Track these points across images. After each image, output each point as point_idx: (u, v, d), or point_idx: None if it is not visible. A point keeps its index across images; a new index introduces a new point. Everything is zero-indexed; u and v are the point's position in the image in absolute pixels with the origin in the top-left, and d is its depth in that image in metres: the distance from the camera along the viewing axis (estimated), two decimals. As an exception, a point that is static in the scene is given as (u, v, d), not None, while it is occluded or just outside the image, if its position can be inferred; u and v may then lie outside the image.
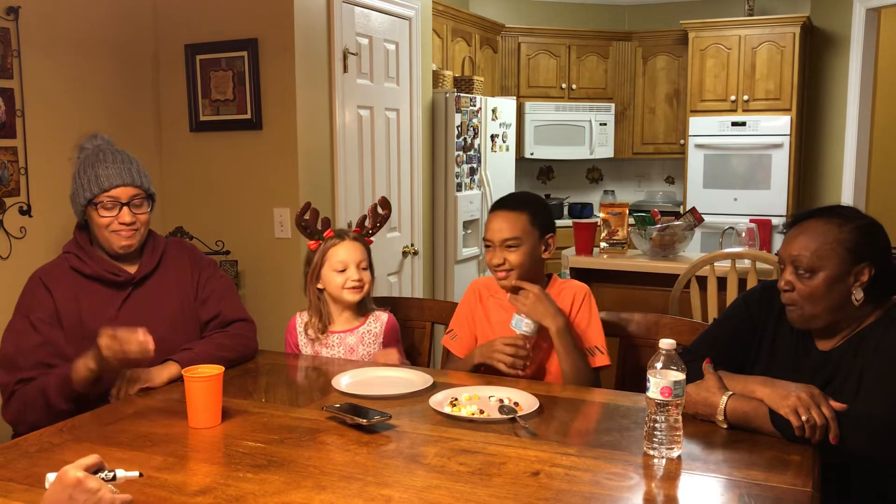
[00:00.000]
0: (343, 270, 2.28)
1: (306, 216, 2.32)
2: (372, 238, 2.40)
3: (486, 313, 2.21)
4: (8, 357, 2.02)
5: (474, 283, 2.29)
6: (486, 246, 2.13)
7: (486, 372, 2.11)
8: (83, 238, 2.16)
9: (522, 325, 2.03)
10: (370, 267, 2.35)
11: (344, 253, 2.29)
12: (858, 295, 1.66)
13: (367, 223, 2.41)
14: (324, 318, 2.32)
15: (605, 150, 6.26)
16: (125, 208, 2.09)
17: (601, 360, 2.08)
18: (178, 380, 1.97)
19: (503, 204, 2.14)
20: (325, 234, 2.34)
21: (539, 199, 2.21)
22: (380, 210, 2.41)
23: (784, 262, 1.73)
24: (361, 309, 2.35)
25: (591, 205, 6.50)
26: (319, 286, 2.32)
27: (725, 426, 1.64)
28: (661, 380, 1.50)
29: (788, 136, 5.47)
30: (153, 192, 2.19)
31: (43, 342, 2.01)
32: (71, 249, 2.14)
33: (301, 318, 2.38)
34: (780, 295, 1.80)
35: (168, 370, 2.01)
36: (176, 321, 2.17)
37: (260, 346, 2.97)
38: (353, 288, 2.28)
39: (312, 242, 2.34)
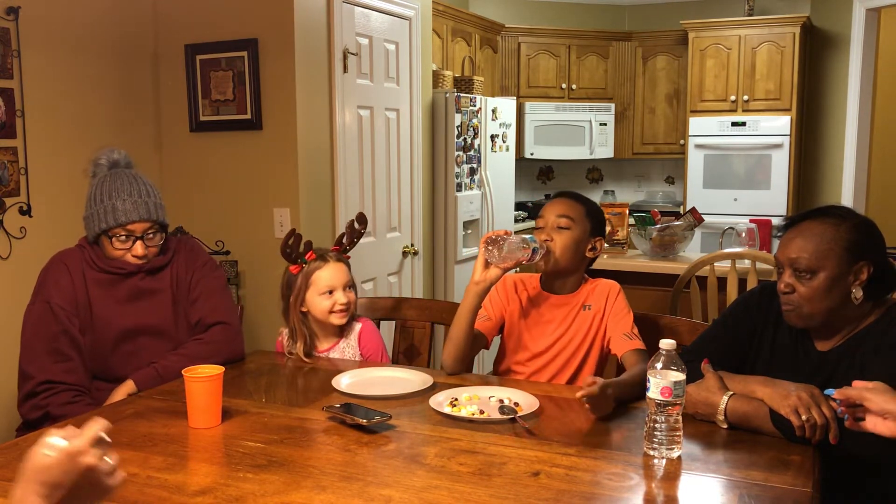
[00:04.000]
0: (330, 293, 2.26)
1: (291, 241, 2.28)
2: (349, 254, 2.38)
3: (520, 304, 2.19)
4: (28, 344, 2.09)
5: (508, 276, 2.22)
6: (537, 227, 2.15)
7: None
8: (95, 247, 2.21)
9: (528, 244, 2.02)
10: (354, 286, 2.33)
11: (329, 276, 2.26)
12: (858, 294, 1.66)
13: (344, 240, 2.39)
14: (308, 342, 2.29)
15: (605, 151, 6.25)
16: (139, 242, 2.16)
17: (639, 343, 2.05)
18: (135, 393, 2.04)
19: (564, 194, 2.20)
20: (307, 257, 2.30)
21: (598, 206, 2.25)
22: (357, 226, 2.39)
23: (782, 265, 1.72)
24: (345, 324, 2.34)
25: (591, 205, 6.48)
26: (303, 309, 2.30)
27: (725, 426, 1.64)
28: (661, 380, 1.50)
29: (788, 137, 5.46)
30: (167, 223, 2.25)
31: (62, 331, 2.08)
32: (84, 245, 2.22)
33: (284, 340, 2.35)
34: (778, 296, 1.80)
35: (125, 388, 2.06)
36: (174, 318, 2.22)
37: (259, 347, 2.97)
38: (341, 312, 2.27)
39: (294, 266, 2.31)
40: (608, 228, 3.89)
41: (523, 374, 2.14)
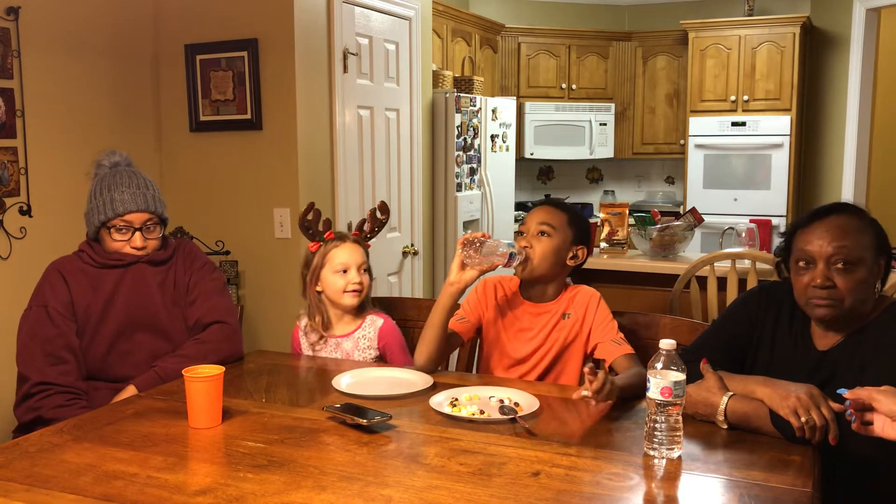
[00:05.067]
0: (344, 272, 2.28)
1: (309, 216, 2.32)
2: (370, 243, 2.41)
3: (498, 308, 2.19)
4: (23, 346, 2.11)
5: (489, 278, 2.24)
6: (519, 233, 2.14)
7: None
8: (95, 244, 2.23)
9: (506, 248, 2.01)
10: (369, 270, 2.36)
11: (345, 255, 2.29)
12: (879, 287, 1.68)
13: (365, 227, 2.41)
14: (324, 321, 2.32)
15: (605, 150, 6.25)
16: (137, 233, 2.18)
17: (629, 348, 2.06)
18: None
19: (548, 201, 2.20)
20: (325, 236, 2.34)
21: (583, 215, 2.23)
22: (379, 215, 2.41)
23: (814, 258, 1.68)
24: (359, 311, 2.35)
25: (591, 205, 6.50)
26: (318, 289, 2.32)
27: (725, 426, 1.64)
28: (661, 380, 1.50)
29: (788, 136, 5.47)
30: (166, 218, 2.26)
31: (57, 334, 2.10)
32: (84, 248, 2.23)
33: (302, 322, 2.39)
34: (779, 292, 1.80)
35: (126, 393, 2.06)
36: (168, 315, 2.22)
37: (260, 346, 2.97)
38: (354, 291, 2.29)
39: (313, 244, 2.34)
40: (608, 229, 3.89)
41: None
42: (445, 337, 2.08)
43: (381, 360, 2.33)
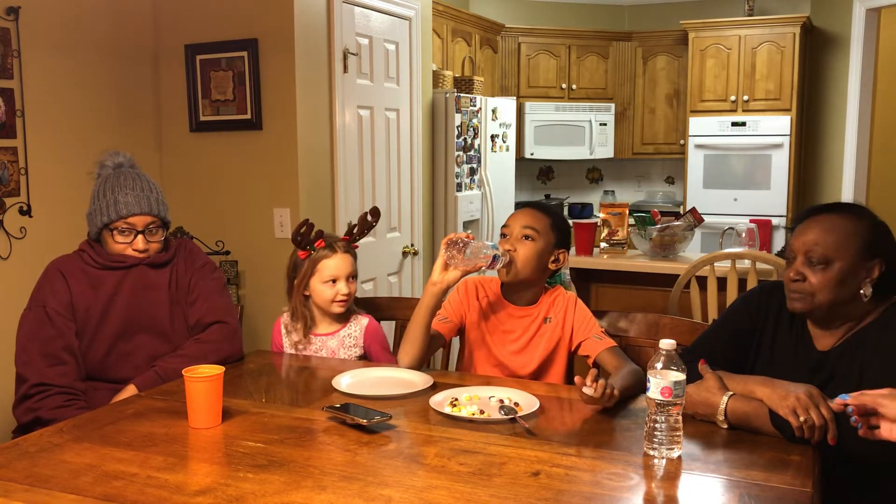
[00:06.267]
0: (333, 282, 2.30)
1: (302, 230, 2.32)
2: (357, 244, 2.42)
3: (480, 309, 2.20)
4: (23, 347, 2.11)
5: (470, 279, 2.26)
6: (503, 235, 2.15)
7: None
8: (96, 245, 2.24)
9: (489, 250, 2.02)
10: (356, 276, 2.38)
11: (335, 266, 2.31)
12: (868, 291, 1.67)
13: (355, 231, 2.42)
14: (308, 324, 2.34)
15: (605, 151, 6.25)
16: (140, 236, 2.18)
17: (611, 341, 2.09)
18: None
19: (530, 204, 2.20)
20: (315, 245, 2.34)
21: (565, 218, 2.24)
22: (369, 218, 2.42)
23: (795, 253, 1.72)
24: (344, 313, 2.37)
25: (591, 205, 6.50)
26: (306, 293, 2.34)
27: (725, 426, 1.64)
28: (661, 380, 1.50)
29: (788, 137, 5.47)
30: (169, 220, 2.26)
31: (56, 335, 2.10)
32: (85, 248, 2.23)
33: (284, 320, 2.40)
34: (779, 292, 1.80)
35: (127, 392, 2.06)
36: (170, 316, 2.22)
37: (260, 346, 2.97)
38: (342, 301, 2.31)
39: (303, 252, 2.35)
40: (608, 229, 3.89)
41: None
42: (429, 337, 2.09)
43: (365, 358, 2.35)
